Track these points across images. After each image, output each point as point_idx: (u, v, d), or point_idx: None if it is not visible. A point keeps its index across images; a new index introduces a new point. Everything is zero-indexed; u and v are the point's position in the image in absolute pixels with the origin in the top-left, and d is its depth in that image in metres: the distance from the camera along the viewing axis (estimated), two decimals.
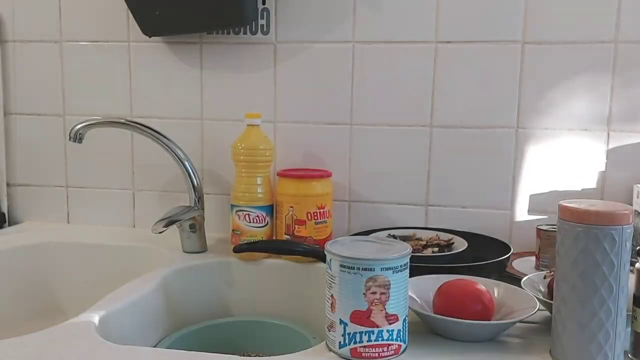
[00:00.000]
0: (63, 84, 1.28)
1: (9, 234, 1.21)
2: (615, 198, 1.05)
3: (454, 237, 1.04)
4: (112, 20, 1.23)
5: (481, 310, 0.73)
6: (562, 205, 0.65)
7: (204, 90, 1.21)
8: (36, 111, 1.29)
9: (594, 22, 1.04)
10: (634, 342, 0.67)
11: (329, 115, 1.16)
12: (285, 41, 1.16)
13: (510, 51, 1.08)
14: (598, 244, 0.62)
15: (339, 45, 1.14)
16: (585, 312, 0.63)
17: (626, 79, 1.04)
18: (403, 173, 1.14)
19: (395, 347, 0.67)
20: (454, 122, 1.11)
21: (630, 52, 1.04)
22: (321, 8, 1.14)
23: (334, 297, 0.67)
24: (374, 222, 1.16)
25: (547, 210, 1.09)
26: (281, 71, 1.17)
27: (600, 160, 1.07)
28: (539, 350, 0.69)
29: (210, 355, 0.67)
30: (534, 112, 1.08)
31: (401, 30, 1.11)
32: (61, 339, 0.70)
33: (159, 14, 1.15)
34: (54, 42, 1.27)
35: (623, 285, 0.63)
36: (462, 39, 1.09)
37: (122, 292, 0.86)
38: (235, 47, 1.19)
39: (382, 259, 0.65)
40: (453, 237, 1.05)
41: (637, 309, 0.67)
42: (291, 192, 1.03)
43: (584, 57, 1.05)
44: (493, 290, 0.79)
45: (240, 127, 1.10)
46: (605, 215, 0.62)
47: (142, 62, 1.23)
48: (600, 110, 1.06)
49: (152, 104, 1.24)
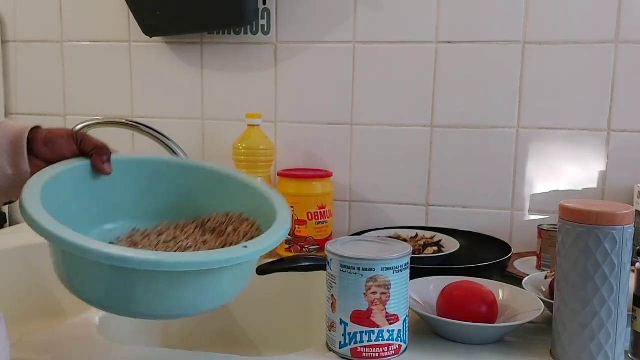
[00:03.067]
0: (64, 84, 1.28)
1: (9, 234, 1.21)
2: (616, 198, 1.05)
3: (443, 237, 1.04)
4: (113, 21, 1.23)
5: (486, 312, 0.73)
6: (563, 205, 0.65)
7: (204, 91, 1.21)
8: (37, 111, 1.30)
9: (594, 22, 1.04)
10: (634, 342, 0.67)
11: (330, 115, 1.16)
12: (286, 41, 1.17)
13: (511, 51, 1.08)
14: (599, 244, 0.62)
15: (340, 45, 1.14)
16: (586, 312, 0.63)
17: (626, 79, 1.04)
18: (404, 173, 1.14)
19: (396, 347, 0.67)
20: (455, 122, 1.11)
21: (630, 52, 1.04)
22: (322, 8, 1.14)
23: (334, 297, 0.67)
24: (374, 222, 1.16)
25: (548, 210, 1.09)
26: (282, 71, 1.17)
27: (601, 160, 1.07)
28: (540, 350, 0.69)
29: (212, 355, 0.67)
30: (535, 112, 1.08)
31: (401, 30, 1.11)
32: (61, 339, 0.70)
33: (160, 14, 1.15)
34: (55, 42, 1.27)
35: (624, 285, 0.63)
36: (462, 39, 1.09)
37: None
38: (236, 47, 1.19)
39: (383, 259, 0.65)
40: (442, 237, 1.04)
41: (637, 308, 0.67)
42: (292, 192, 1.03)
43: (584, 57, 1.05)
44: (497, 292, 0.79)
45: (241, 127, 1.10)
46: (606, 216, 0.62)
47: (143, 63, 1.24)
48: (600, 110, 1.06)
49: (153, 104, 1.24)
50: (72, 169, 0.65)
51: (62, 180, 0.63)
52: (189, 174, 0.73)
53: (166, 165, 0.74)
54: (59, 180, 0.62)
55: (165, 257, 0.53)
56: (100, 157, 0.67)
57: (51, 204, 0.56)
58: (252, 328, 1.00)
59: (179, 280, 0.54)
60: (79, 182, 0.66)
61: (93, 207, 0.67)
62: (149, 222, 0.69)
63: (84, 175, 0.66)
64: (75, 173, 0.65)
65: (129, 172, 0.70)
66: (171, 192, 0.72)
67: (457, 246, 0.99)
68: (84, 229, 0.60)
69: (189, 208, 0.71)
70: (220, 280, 0.57)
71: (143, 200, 0.71)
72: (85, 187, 0.67)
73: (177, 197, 0.72)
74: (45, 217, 0.53)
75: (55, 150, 0.66)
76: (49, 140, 0.65)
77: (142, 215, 0.70)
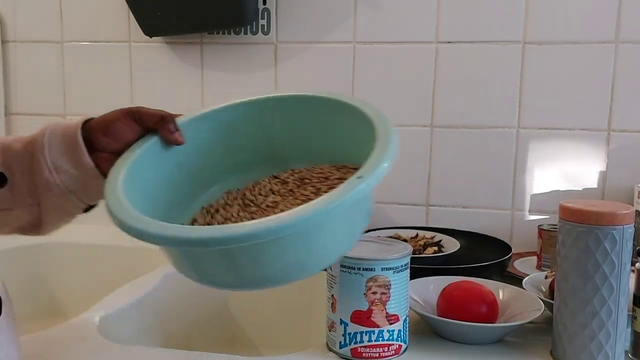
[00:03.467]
0: (64, 84, 1.28)
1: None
2: (616, 198, 1.05)
3: (443, 237, 1.04)
4: (113, 21, 1.23)
5: (486, 312, 0.73)
6: (563, 205, 0.65)
7: (204, 91, 1.21)
8: (37, 111, 1.29)
9: (594, 22, 1.04)
10: (634, 342, 0.67)
11: None
12: (286, 41, 1.16)
13: (511, 51, 1.08)
14: (599, 244, 0.62)
15: (340, 45, 1.14)
16: (586, 312, 0.63)
17: (626, 79, 1.04)
18: (404, 173, 1.14)
19: (396, 347, 0.67)
20: (455, 122, 1.11)
21: (630, 52, 1.04)
22: (322, 8, 1.14)
23: (334, 297, 0.67)
24: (374, 222, 1.15)
25: (549, 210, 1.09)
26: (282, 71, 1.17)
27: (601, 160, 1.07)
28: (540, 350, 0.69)
29: (212, 355, 0.67)
30: (535, 112, 1.08)
31: (401, 30, 1.11)
32: (62, 339, 0.70)
33: (160, 14, 1.15)
34: (55, 43, 1.27)
35: (624, 285, 0.63)
36: (462, 39, 1.09)
37: (123, 292, 0.86)
38: (236, 47, 1.19)
39: (383, 259, 0.65)
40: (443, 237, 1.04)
41: (637, 308, 0.67)
42: None
43: (584, 57, 1.05)
44: (497, 292, 0.79)
45: None
46: (606, 216, 0.62)
47: (143, 63, 1.23)
48: (600, 110, 1.06)
49: (153, 104, 1.23)
50: (142, 154, 0.58)
51: (139, 170, 0.57)
52: (265, 112, 0.64)
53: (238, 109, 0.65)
54: (135, 171, 0.56)
55: (258, 226, 0.46)
56: (167, 127, 0.60)
57: (140, 199, 0.52)
58: (252, 328, 1.00)
59: (295, 241, 0.48)
60: (157, 162, 0.59)
61: (184, 182, 0.62)
62: (244, 174, 0.64)
63: (158, 153, 0.60)
64: (149, 155, 0.59)
65: (201, 131, 0.63)
66: (255, 136, 0.64)
67: (457, 246, 0.99)
68: (182, 209, 0.57)
69: (279, 145, 0.64)
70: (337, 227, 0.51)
71: (229, 155, 0.64)
72: (166, 164, 0.61)
73: (263, 140, 0.64)
74: (142, 220, 0.49)
75: (117, 136, 0.60)
76: (105, 128, 0.60)
77: (234, 168, 0.64)
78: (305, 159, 0.64)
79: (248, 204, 0.60)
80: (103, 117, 0.61)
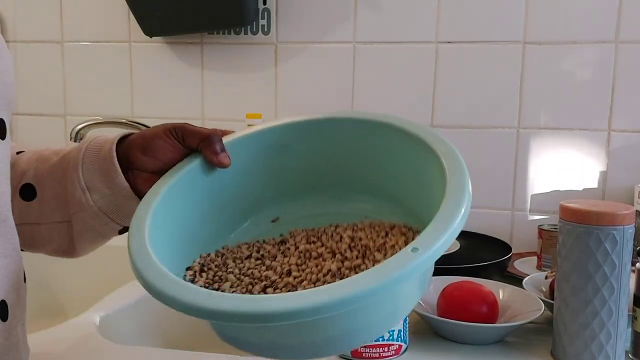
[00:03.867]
0: (64, 85, 1.28)
1: None
2: (617, 198, 1.05)
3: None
4: (113, 21, 1.23)
5: (486, 312, 0.73)
6: (564, 205, 0.65)
7: (204, 91, 1.21)
8: (37, 111, 1.29)
9: (594, 22, 1.04)
10: (635, 342, 0.67)
11: None
12: (286, 41, 1.16)
13: (511, 51, 1.08)
14: (599, 244, 0.62)
15: (340, 45, 1.14)
16: (587, 312, 0.63)
17: (626, 79, 1.04)
18: None
19: (396, 347, 0.67)
20: (455, 122, 1.11)
21: (630, 52, 1.04)
22: (322, 8, 1.14)
23: None
24: None
25: (549, 210, 1.09)
26: (282, 71, 1.17)
27: (602, 160, 1.07)
28: (540, 350, 0.69)
29: (212, 355, 0.67)
30: (535, 112, 1.08)
31: (401, 30, 1.11)
32: (62, 339, 0.70)
33: (160, 14, 1.15)
34: (55, 43, 1.27)
35: (624, 286, 0.63)
36: (462, 39, 1.09)
37: (123, 292, 0.86)
38: (236, 47, 1.19)
39: None
40: None
41: (637, 309, 0.67)
42: None
43: (584, 57, 1.05)
44: (498, 292, 0.79)
45: (241, 127, 1.10)
46: (607, 216, 0.62)
47: (143, 62, 1.23)
48: (601, 110, 1.06)
49: (153, 104, 1.24)
50: (179, 180, 0.52)
51: (174, 197, 0.51)
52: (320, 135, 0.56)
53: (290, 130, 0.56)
54: (170, 199, 0.50)
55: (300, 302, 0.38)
56: (212, 148, 0.53)
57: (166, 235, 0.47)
58: None
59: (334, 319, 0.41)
60: (196, 187, 0.53)
61: (225, 209, 0.55)
62: (289, 203, 0.57)
63: (199, 176, 0.53)
64: (188, 180, 0.52)
65: (248, 154, 0.56)
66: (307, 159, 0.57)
67: (457, 246, 0.98)
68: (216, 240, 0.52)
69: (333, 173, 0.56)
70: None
71: (275, 180, 0.57)
72: (206, 189, 0.54)
73: (315, 164, 0.57)
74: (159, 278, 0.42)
75: (157, 155, 0.53)
76: (144, 145, 0.54)
77: (280, 197, 0.57)
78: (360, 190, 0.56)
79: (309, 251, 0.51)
80: (142, 134, 0.55)
